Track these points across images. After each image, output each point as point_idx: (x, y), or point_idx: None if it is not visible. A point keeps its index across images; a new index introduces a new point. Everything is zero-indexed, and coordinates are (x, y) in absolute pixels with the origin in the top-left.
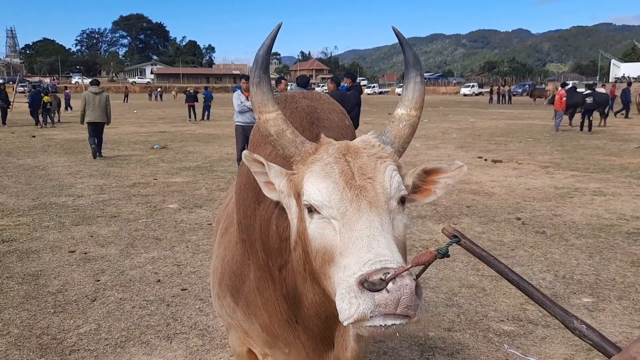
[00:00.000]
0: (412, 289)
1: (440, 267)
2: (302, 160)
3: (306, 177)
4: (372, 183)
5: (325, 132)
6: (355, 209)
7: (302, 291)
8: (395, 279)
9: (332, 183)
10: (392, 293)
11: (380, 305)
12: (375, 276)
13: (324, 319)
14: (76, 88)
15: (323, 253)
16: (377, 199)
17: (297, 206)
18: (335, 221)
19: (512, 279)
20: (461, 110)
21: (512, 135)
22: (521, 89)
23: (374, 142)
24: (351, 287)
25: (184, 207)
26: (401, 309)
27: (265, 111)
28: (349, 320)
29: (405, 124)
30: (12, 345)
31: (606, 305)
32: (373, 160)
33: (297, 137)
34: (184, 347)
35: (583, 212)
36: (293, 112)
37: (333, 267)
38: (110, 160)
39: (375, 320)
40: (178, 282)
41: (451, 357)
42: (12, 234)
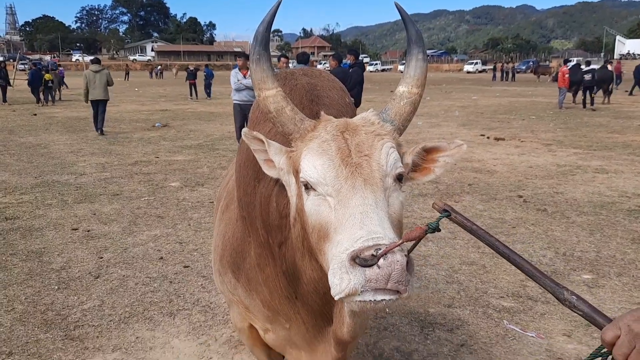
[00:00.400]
0: (403, 264)
1: (441, 245)
2: (300, 138)
3: (303, 155)
4: (368, 160)
5: (325, 109)
6: (350, 186)
7: (301, 267)
8: (386, 254)
9: (328, 160)
10: (383, 269)
11: (371, 281)
12: (366, 252)
13: (322, 295)
14: (77, 66)
15: (319, 229)
16: (372, 176)
17: (295, 183)
18: (331, 198)
19: (502, 252)
20: (464, 87)
21: (515, 113)
22: (525, 66)
23: (374, 120)
24: (343, 263)
25: (185, 185)
26: (392, 284)
27: (264, 88)
28: (340, 294)
29: (406, 102)
30: (17, 321)
31: (606, 281)
32: (371, 138)
33: (296, 114)
34: (187, 322)
35: (585, 190)
36: (293, 89)
37: (328, 244)
38: (112, 139)
39: (366, 295)
40: (180, 260)
41: (451, 332)
42: (15, 212)
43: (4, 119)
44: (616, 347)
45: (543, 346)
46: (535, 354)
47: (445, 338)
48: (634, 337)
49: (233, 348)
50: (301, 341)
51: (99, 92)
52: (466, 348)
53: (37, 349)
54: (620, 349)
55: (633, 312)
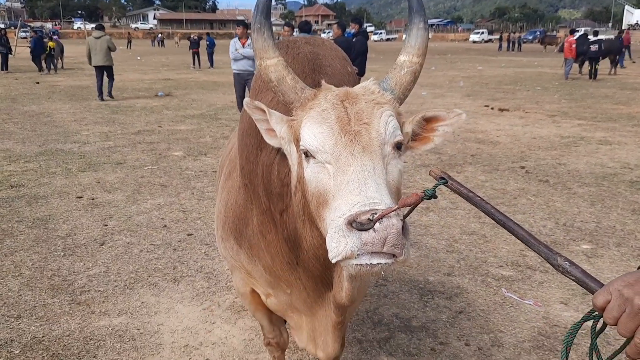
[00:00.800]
0: (398, 228)
1: (442, 215)
2: (301, 107)
3: (303, 123)
4: (367, 128)
5: (327, 78)
6: (348, 153)
7: (302, 234)
8: (382, 219)
9: (327, 128)
10: (379, 232)
11: (367, 244)
12: (363, 217)
13: (322, 260)
14: (78, 34)
15: (318, 196)
16: (371, 144)
17: (296, 152)
18: (330, 165)
19: (498, 219)
20: (469, 57)
21: (521, 84)
22: (532, 36)
23: (374, 89)
24: (340, 227)
25: (189, 154)
26: (388, 247)
27: (266, 57)
28: (337, 257)
29: (407, 71)
30: (24, 286)
31: (604, 251)
32: (370, 106)
33: (297, 83)
34: (191, 289)
35: (587, 161)
36: (295, 57)
37: (326, 210)
38: (115, 108)
39: (362, 258)
40: (184, 228)
41: (449, 300)
42: (20, 180)
43: (6, 87)
44: (607, 311)
45: (540, 313)
46: (532, 321)
47: (444, 305)
48: (624, 302)
49: (236, 313)
50: (302, 305)
51: (100, 57)
52: (464, 315)
53: (44, 312)
54: (611, 313)
55: (624, 277)
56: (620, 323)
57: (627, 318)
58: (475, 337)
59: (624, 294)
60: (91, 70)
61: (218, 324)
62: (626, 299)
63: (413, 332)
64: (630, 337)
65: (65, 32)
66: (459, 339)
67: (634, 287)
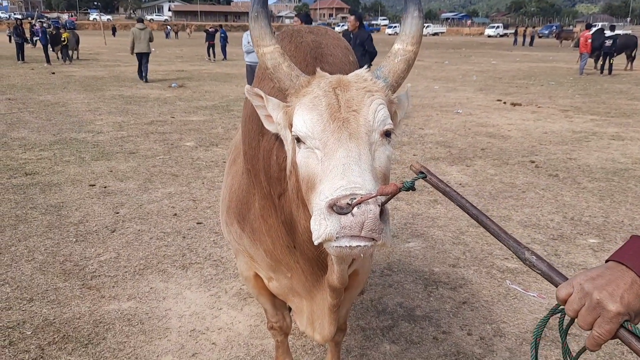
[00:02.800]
0: (375, 214)
1: (449, 207)
2: (295, 93)
3: (296, 109)
4: (356, 116)
5: (329, 67)
6: (335, 140)
7: (297, 218)
8: (360, 204)
9: (317, 115)
10: (357, 217)
11: (346, 228)
12: (342, 201)
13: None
14: (94, 25)
15: (307, 181)
16: (358, 131)
17: (291, 138)
18: (318, 151)
19: (472, 213)
20: (484, 52)
21: (534, 78)
22: (548, 31)
23: (366, 77)
24: (321, 210)
25: (200, 145)
26: (365, 232)
27: (262, 45)
28: (318, 239)
29: (400, 59)
30: (37, 270)
31: (611, 246)
32: (361, 94)
33: (292, 70)
34: (199, 275)
35: (598, 156)
36: (298, 46)
37: (313, 194)
38: (129, 98)
39: (342, 241)
40: (194, 216)
41: (454, 291)
42: (34, 168)
43: (22, 77)
44: (568, 304)
45: (543, 305)
46: (535, 312)
47: (448, 296)
48: (584, 296)
49: (242, 300)
50: (302, 289)
51: (143, 46)
52: (468, 305)
53: (56, 296)
54: (571, 305)
55: (587, 272)
56: (579, 316)
57: (586, 311)
58: (478, 327)
59: (585, 288)
60: (105, 61)
61: (224, 310)
62: (586, 292)
63: (416, 321)
64: (588, 329)
65: (81, 23)
66: (461, 328)
67: (595, 281)
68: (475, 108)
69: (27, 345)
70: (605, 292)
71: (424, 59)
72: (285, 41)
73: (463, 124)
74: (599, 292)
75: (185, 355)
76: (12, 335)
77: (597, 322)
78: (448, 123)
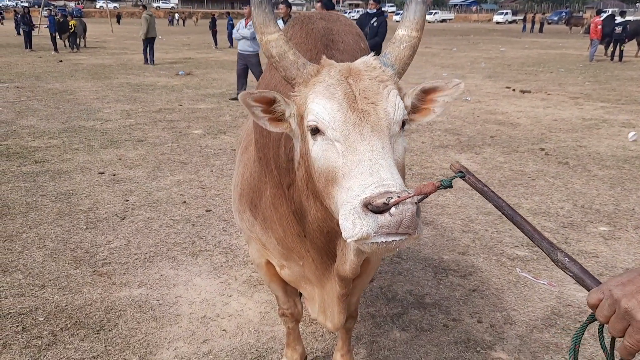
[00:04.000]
0: (413, 212)
1: (459, 195)
2: (304, 82)
3: (310, 98)
4: (375, 108)
5: (339, 55)
6: (358, 133)
7: (307, 208)
8: (397, 204)
9: (336, 104)
10: (395, 216)
11: (383, 227)
12: (378, 200)
13: (325, 233)
14: (101, 13)
15: (326, 174)
16: (379, 124)
17: (299, 128)
18: (338, 144)
19: (507, 213)
20: (492, 38)
21: (544, 65)
22: (557, 17)
23: (375, 64)
24: (355, 209)
25: (208, 132)
26: (402, 229)
27: (266, 32)
28: (353, 238)
29: (406, 45)
30: (48, 257)
31: (622, 234)
32: (375, 84)
33: (298, 58)
34: (209, 263)
35: (609, 144)
36: (309, 33)
37: (336, 188)
38: (136, 86)
39: (379, 237)
40: (203, 204)
41: (463, 278)
42: (44, 155)
43: (30, 65)
44: (598, 310)
45: (554, 293)
46: (545, 300)
47: (457, 283)
48: (614, 302)
49: (252, 287)
50: (313, 277)
51: (154, 31)
52: (478, 293)
53: (67, 282)
54: (602, 312)
55: (617, 277)
56: (610, 323)
57: (615, 319)
58: (488, 314)
59: (614, 295)
60: (112, 49)
61: (235, 297)
62: (615, 299)
63: (426, 308)
64: (619, 337)
65: (88, 11)
66: (471, 316)
67: (625, 287)
68: (484, 95)
69: (40, 331)
70: (635, 300)
71: (432, 46)
72: (296, 27)
73: (472, 112)
74: (627, 300)
75: (196, 342)
76: (25, 321)
77: (628, 331)
78: (457, 111)
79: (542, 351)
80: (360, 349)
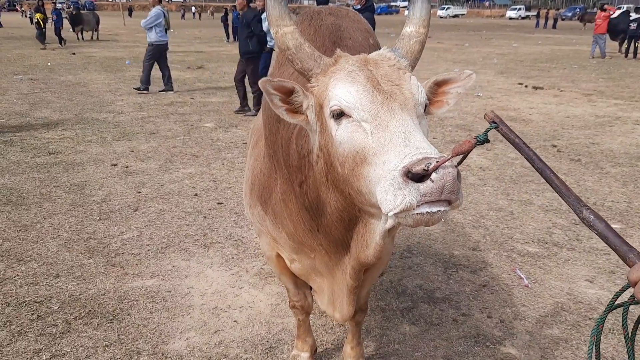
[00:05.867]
0: (454, 175)
1: (469, 191)
2: (322, 73)
3: (332, 85)
4: (400, 89)
5: (347, 51)
6: (387, 110)
7: (325, 200)
8: (437, 169)
9: (360, 87)
10: (437, 182)
11: (426, 195)
12: (418, 166)
13: (346, 222)
14: (113, 6)
15: (354, 156)
16: (407, 103)
17: (317, 120)
18: (366, 124)
19: (537, 167)
20: (505, 34)
21: (557, 62)
22: (571, 13)
23: (390, 56)
24: (395, 179)
25: (219, 126)
26: (445, 195)
27: (283, 25)
28: (395, 210)
29: (415, 41)
30: (62, 247)
31: (634, 231)
32: (395, 70)
33: (314, 50)
34: (220, 255)
35: (622, 141)
36: (317, 30)
37: (367, 167)
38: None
39: (422, 207)
40: (214, 197)
41: (473, 274)
42: (57, 147)
43: (44, 57)
44: (637, 286)
45: (564, 290)
46: (555, 296)
47: (467, 278)
48: None
49: (263, 279)
50: (324, 269)
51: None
52: (488, 289)
53: (81, 272)
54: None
55: None
56: None
57: None
58: (498, 309)
59: None
60: (125, 42)
61: (246, 289)
62: None
63: (436, 303)
64: None
65: (100, 4)
66: (481, 311)
67: None
68: (496, 91)
69: (54, 319)
70: None
71: (444, 41)
72: (304, 24)
73: (483, 108)
74: None
75: (208, 332)
76: (40, 310)
77: None
78: (468, 106)
79: (552, 347)
80: (370, 342)
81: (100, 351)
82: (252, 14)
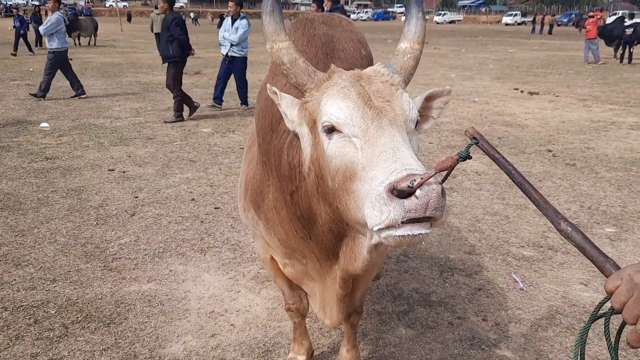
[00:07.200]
0: (439, 192)
1: (465, 195)
2: (316, 88)
3: (324, 101)
4: (391, 105)
5: (340, 63)
6: (376, 126)
7: (317, 211)
8: (422, 185)
9: (351, 102)
10: (421, 199)
11: (411, 211)
12: (403, 183)
13: (336, 234)
14: (110, 12)
15: (344, 170)
16: (397, 119)
17: (310, 134)
18: (357, 139)
19: (516, 180)
20: (501, 40)
21: (553, 67)
22: (567, 19)
23: (384, 71)
24: (380, 195)
25: (217, 131)
26: (430, 211)
27: (278, 40)
28: (380, 225)
29: (409, 57)
30: (59, 252)
31: (629, 235)
32: (387, 87)
33: (308, 65)
34: (217, 259)
35: (617, 146)
36: (310, 40)
37: (356, 182)
38: (145, 84)
39: (405, 229)
40: (211, 201)
41: (469, 277)
42: (55, 152)
43: (41, 63)
44: (614, 295)
45: (559, 293)
46: (550, 300)
47: (463, 282)
48: (633, 287)
49: (260, 283)
50: (316, 275)
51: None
52: (483, 292)
53: (78, 277)
54: (618, 297)
55: (637, 264)
56: (625, 308)
57: (633, 303)
58: (493, 313)
59: (634, 279)
60: (122, 48)
61: (243, 293)
62: (635, 284)
63: (432, 306)
64: (633, 323)
65: (98, 10)
66: (476, 314)
67: None
68: (492, 97)
69: (51, 323)
70: None
71: (440, 47)
72: (298, 33)
73: (479, 113)
74: None
75: (205, 336)
76: (37, 314)
77: None
78: (464, 111)
79: (547, 350)
80: (366, 345)
81: (97, 355)
82: (171, 17)
